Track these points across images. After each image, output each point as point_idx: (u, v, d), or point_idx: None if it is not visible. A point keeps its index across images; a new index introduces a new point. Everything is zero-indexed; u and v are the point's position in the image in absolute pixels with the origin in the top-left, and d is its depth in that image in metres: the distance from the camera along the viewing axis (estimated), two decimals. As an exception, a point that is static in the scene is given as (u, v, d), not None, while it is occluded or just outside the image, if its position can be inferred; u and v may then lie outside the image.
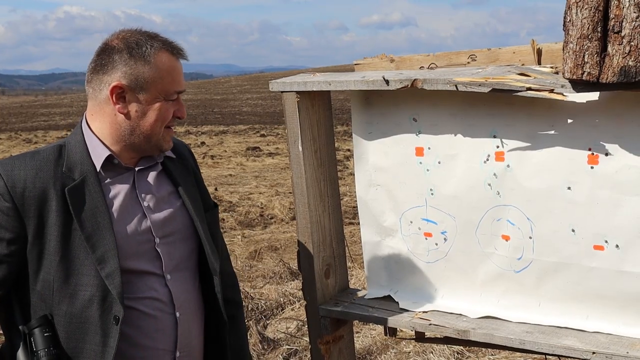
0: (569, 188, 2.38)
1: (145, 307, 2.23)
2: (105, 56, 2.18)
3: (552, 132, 2.37)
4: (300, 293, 6.92)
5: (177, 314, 2.29)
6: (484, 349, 5.16)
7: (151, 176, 2.33)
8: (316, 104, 2.82)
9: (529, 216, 2.48)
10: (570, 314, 2.47)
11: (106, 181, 2.24)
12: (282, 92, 2.76)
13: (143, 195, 2.29)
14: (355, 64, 2.87)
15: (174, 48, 2.23)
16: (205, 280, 2.41)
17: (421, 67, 2.71)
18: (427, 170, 2.66)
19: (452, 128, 2.58)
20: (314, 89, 2.69)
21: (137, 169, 2.29)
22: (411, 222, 2.75)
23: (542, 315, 2.52)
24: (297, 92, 2.73)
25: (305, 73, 2.87)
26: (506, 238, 2.55)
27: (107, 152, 2.22)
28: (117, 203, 2.23)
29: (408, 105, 2.66)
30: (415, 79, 2.45)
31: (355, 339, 3.37)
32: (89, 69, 2.23)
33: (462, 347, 5.38)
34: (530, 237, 2.49)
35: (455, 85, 2.36)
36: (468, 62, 2.62)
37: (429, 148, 2.64)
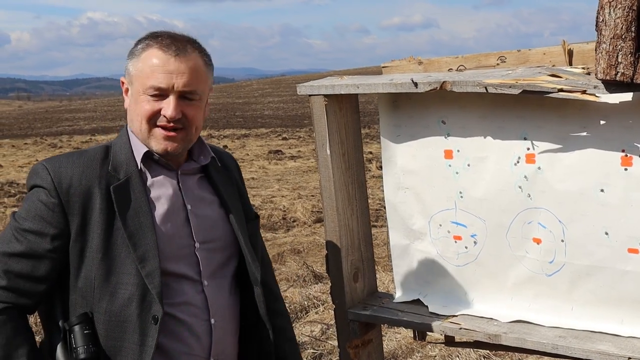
0: (602, 190, 2.34)
1: (181, 312, 2.22)
2: None
3: (585, 133, 2.34)
4: (325, 296, 6.92)
5: (212, 321, 2.28)
6: (510, 353, 5.12)
7: (195, 180, 2.35)
8: (344, 107, 2.81)
9: (560, 219, 2.44)
10: (604, 318, 2.44)
11: (150, 181, 2.26)
12: (309, 95, 2.75)
13: (188, 199, 2.30)
14: (383, 67, 2.86)
15: (167, 46, 2.20)
16: (246, 289, 2.40)
17: (449, 69, 2.69)
18: (457, 173, 2.64)
19: (481, 130, 2.56)
20: (342, 92, 2.68)
21: (180, 170, 2.30)
22: (440, 225, 2.73)
23: (575, 320, 2.49)
24: (325, 96, 2.72)
25: (331, 76, 2.86)
26: (537, 241, 2.52)
27: (145, 149, 2.25)
28: (160, 204, 2.25)
29: (436, 107, 2.64)
30: (444, 81, 2.43)
31: (382, 342, 3.35)
32: None
33: (488, 351, 5.34)
34: (562, 240, 2.46)
35: (485, 88, 2.34)
36: (497, 64, 2.60)
37: (458, 150, 2.62)
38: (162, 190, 2.26)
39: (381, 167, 2.85)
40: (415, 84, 2.49)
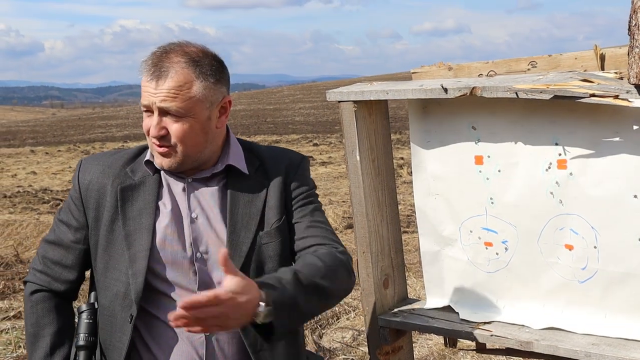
0: (635, 196, 2.31)
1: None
2: None
3: (617, 139, 2.32)
4: (356, 302, 6.91)
5: (206, 334, 2.24)
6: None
7: (210, 189, 2.32)
8: (373, 113, 2.81)
9: (593, 225, 2.42)
10: (639, 325, 2.40)
11: (165, 187, 2.32)
12: (339, 101, 2.75)
13: (193, 207, 2.30)
14: (413, 73, 2.85)
15: (150, 66, 2.20)
16: None
17: (480, 75, 2.68)
18: (487, 178, 2.63)
19: (512, 136, 2.54)
20: (372, 98, 2.68)
21: (190, 178, 2.32)
22: (471, 231, 2.72)
23: (609, 327, 2.46)
24: (355, 102, 2.72)
25: (361, 82, 2.86)
26: (569, 247, 2.49)
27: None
28: (166, 209, 2.30)
29: (467, 113, 2.63)
30: (474, 87, 2.42)
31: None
32: None
33: (521, 359, 5.29)
34: (595, 247, 2.43)
35: (516, 93, 2.32)
36: (528, 69, 2.58)
37: (489, 156, 2.61)
38: (171, 197, 2.31)
39: (412, 172, 2.84)
40: (445, 90, 2.48)
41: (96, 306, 2.34)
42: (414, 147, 2.80)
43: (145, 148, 2.38)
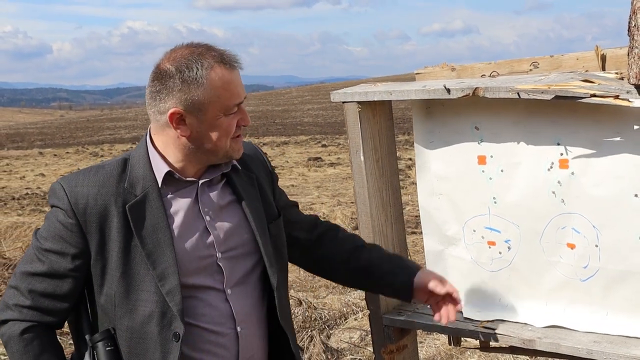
0: (636, 195, 2.33)
1: (206, 323, 2.23)
2: (159, 82, 2.17)
3: (618, 139, 2.34)
4: (364, 303, 6.91)
5: (238, 329, 2.27)
6: (550, 359, 5.08)
7: (214, 189, 2.31)
8: (377, 113, 2.83)
9: (594, 224, 2.44)
10: None
11: (168, 196, 2.23)
12: (343, 102, 2.78)
13: (206, 209, 2.27)
14: (416, 74, 2.87)
15: (226, 60, 2.17)
16: (272, 293, 2.36)
17: (482, 75, 2.70)
18: (490, 178, 2.65)
19: (514, 136, 2.56)
20: (375, 99, 2.71)
21: (200, 182, 2.27)
22: (474, 230, 2.74)
23: (610, 325, 2.48)
24: (359, 102, 2.75)
25: (366, 83, 2.88)
26: (571, 246, 2.51)
27: (167, 168, 2.22)
28: (178, 218, 2.22)
29: (470, 113, 2.65)
30: (476, 88, 2.44)
31: (419, 349, 3.36)
32: (146, 93, 2.23)
33: (527, 358, 5.30)
34: (597, 245, 2.45)
35: (518, 93, 2.35)
36: (530, 70, 2.60)
37: (492, 156, 2.63)
38: (180, 205, 2.24)
39: (416, 173, 2.86)
40: (448, 90, 2.51)
41: (112, 332, 2.21)
42: (418, 148, 2.82)
43: (125, 159, 2.27)
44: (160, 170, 2.23)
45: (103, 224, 2.17)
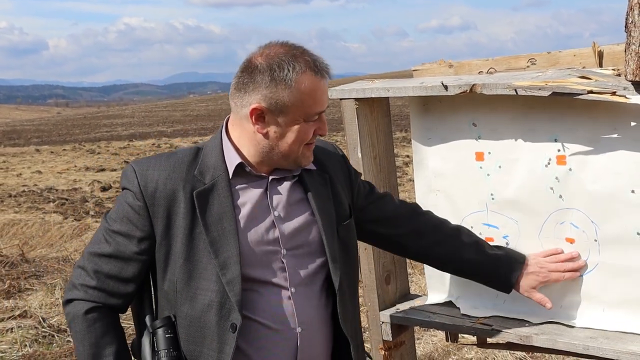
0: (632, 191, 2.34)
1: (265, 319, 2.20)
2: (247, 75, 2.16)
3: (615, 135, 2.34)
4: (361, 299, 6.92)
5: (299, 330, 2.22)
6: (547, 355, 5.10)
7: (285, 185, 2.28)
8: (375, 110, 2.84)
9: (593, 219, 2.44)
10: (636, 319, 2.43)
11: (237, 187, 2.23)
12: (340, 99, 2.78)
13: (275, 204, 2.24)
14: (414, 70, 2.88)
15: (317, 67, 2.15)
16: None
17: (480, 72, 2.70)
18: (488, 175, 2.65)
19: (512, 132, 2.57)
20: (373, 96, 2.71)
21: (270, 177, 2.26)
22: (472, 227, 2.74)
23: (607, 320, 2.48)
24: (356, 99, 2.75)
25: (363, 80, 2.88)
26: (570, 241, 2.52)
27: (239, 160, 2.21)
28: (245, 210, 2.21)
29: (467, 110, 2.66)
30: (474, 84, 2.44)
31: (416, 345, 3.36)
32: (233, 83, 2.22)
33: (525, 353, 5.31)
34: (596, 240, 2.46)
35: (515, 90, 2.35)
36: (527, 66, 2.61)
37: (489, 153, 2.63)
38: (248, 196, 2.23)
39: (413, 169, 2.87)
40: (446, 87, 2.51)
41: (173, 319, 2.22)
42: (415, 144, 2.82)
43: (199, 148, 2.28)
44: (232, 161, 2.22)
45: (170, 209, 2.18)
